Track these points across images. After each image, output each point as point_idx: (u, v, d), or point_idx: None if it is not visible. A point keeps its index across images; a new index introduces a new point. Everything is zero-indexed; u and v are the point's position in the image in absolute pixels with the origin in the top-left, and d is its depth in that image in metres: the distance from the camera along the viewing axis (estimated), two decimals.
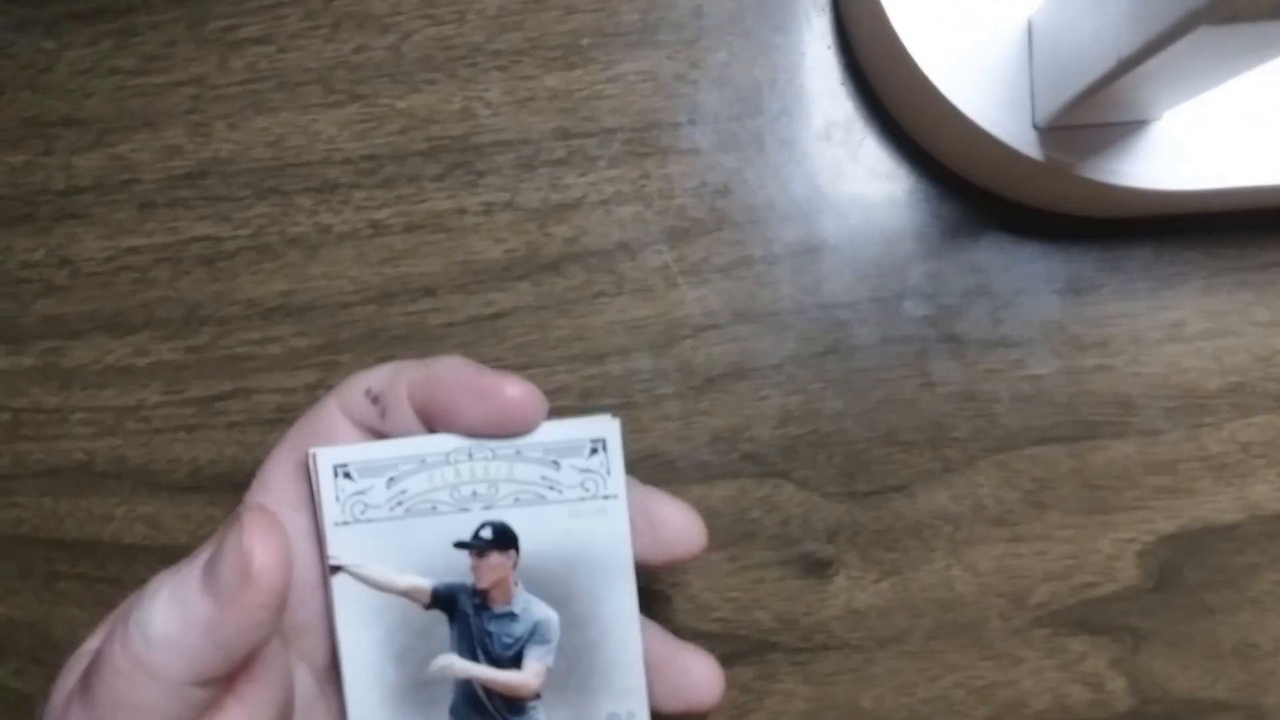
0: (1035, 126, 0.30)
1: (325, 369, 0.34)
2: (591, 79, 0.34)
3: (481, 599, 0.26)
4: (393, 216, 0.34)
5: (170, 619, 0.22)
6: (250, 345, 0.34)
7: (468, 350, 0.33)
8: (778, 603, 0.33)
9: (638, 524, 0.26)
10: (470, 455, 0.26)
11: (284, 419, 0.34)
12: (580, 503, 0.26)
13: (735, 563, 0.33)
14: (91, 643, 0.24)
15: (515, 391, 0.25)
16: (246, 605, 0.22)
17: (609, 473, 0.26)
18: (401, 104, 0.34)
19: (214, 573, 0.22)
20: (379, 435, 0.26)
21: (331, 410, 0.27)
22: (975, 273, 0.33)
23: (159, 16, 0.34)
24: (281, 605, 0.23)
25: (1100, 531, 0.33)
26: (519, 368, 0.33)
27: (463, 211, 0.34)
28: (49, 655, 0.34)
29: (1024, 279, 0.33)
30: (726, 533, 0.33)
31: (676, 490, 0.33)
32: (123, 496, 0.34)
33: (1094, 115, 0.29)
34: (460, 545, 0.26)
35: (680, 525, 0.27)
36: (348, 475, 0.26)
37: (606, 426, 0.26)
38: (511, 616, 0.26)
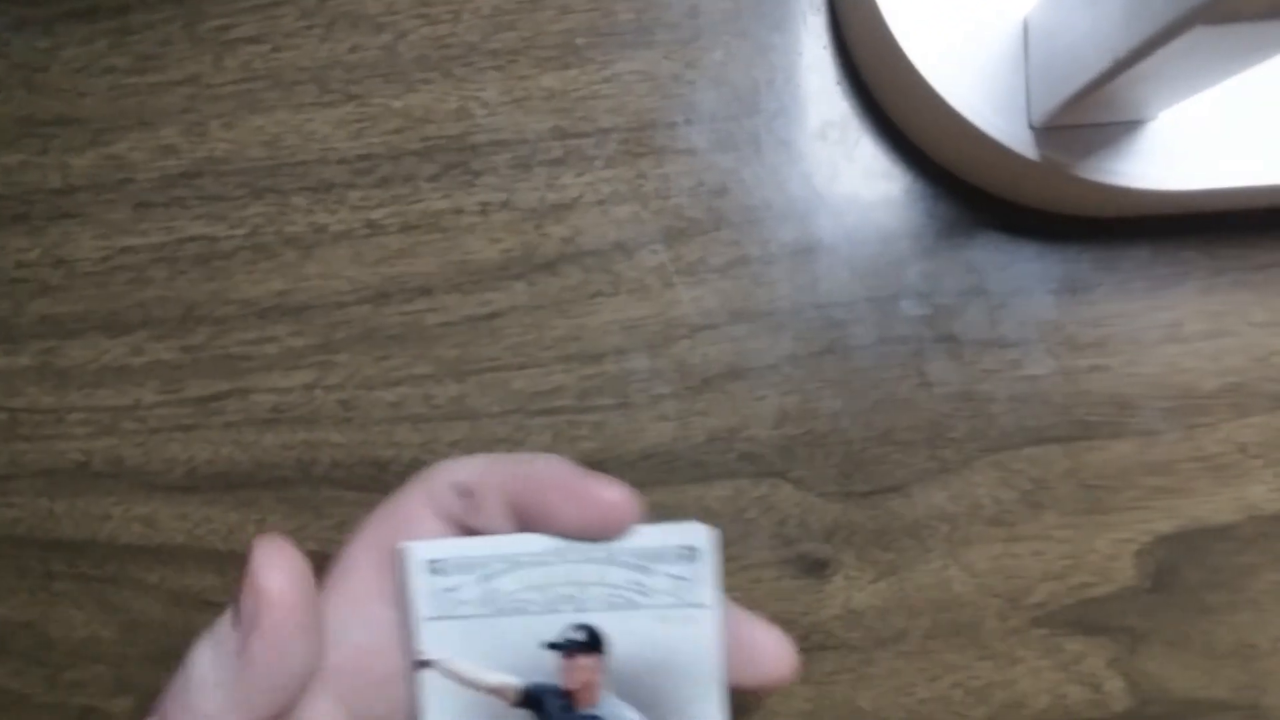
0: (1031, 126, 0.30)
1: (321, 368, 0.34)
2: (588, 79, 0.33)
3: (568, 700, 0.26)
4: (388, 216, 0.34)
5: (209, 660, 0.22)
6: (246, 345, 0.34)
7: (464, 350, 0.33)
8: (775, 603, 0.33)
9: (733, 648, 0.26)
10: (562, 557, 0.25)
11: (280, 418, 0.34)
12: (670, 609, 0.26)
13: (733, 563, 0.33)
14: None
15: (614, 496, 0.25)
16: (269, 629, 0.22)
17: (701, 580, 0.26)
18: (397, 103, 0.34)
19: (237, 606, 0.23)
20: (464, 530, 0.26)
21: (417, 502, 0.26)
22: (971, 272, 0.33)
23: (154, 16, 0.34)
24: (308, 628, 0.23)
25: (1098, 532, 0.33)
26: (515, 368, 0.33)
27: (459, 211, 0.33)
28: (46, 655, 0.34)
29: (1020, 279, 0.33)
30: (724, 533, 0.33)
31: (673, 490, 0.33)
32: (119, 496, 0.34)
33: (1090, 115, 0.29)
34: (550, 646, 0.26)
35: (774, 649, 0.26)
36: (440, 571, 0.25)
37: (700, 534, 0.25)
38: (597, 719, 0.26)
